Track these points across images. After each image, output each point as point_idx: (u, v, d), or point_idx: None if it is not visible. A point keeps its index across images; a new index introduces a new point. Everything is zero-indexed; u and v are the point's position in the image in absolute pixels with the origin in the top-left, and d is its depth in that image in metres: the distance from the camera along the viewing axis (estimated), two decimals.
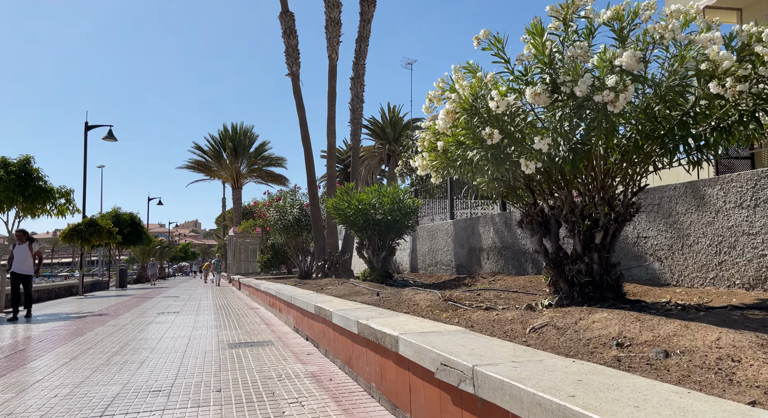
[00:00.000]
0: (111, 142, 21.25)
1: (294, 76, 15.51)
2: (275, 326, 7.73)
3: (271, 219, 16.52)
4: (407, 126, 33.33)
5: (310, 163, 15.60)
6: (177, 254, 67.82)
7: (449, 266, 11.44)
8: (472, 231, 10.34)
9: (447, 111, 3.73)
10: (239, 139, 42.71)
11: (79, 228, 19.21)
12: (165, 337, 6.77)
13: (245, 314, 9.69)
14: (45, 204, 11.78)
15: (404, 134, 33.11)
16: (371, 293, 6.76)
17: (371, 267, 9.43)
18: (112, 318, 9.57)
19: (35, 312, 11.53)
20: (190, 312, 10.53)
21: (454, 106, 3.70)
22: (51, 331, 7.71)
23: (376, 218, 9.01)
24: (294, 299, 6.65)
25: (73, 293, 20.27)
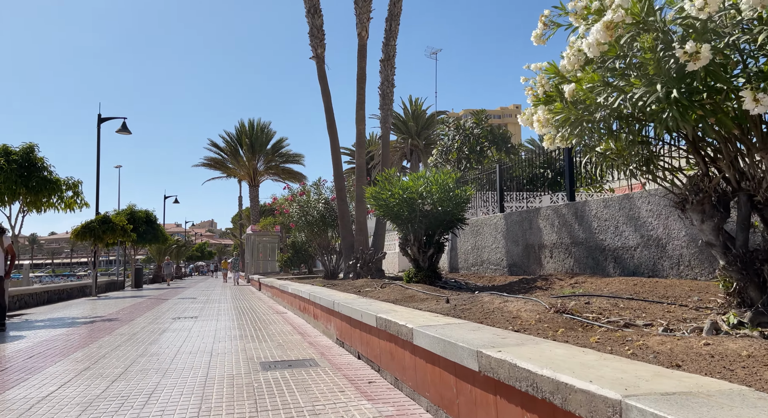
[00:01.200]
0: (125, 135, 20.27)
1: (319, 59, 14.29)
2: (311, 336, 6.48)
3: (293, 215, 15.33)
4: (431, 119, 32.01)
5: (337, 153, 14.37)
6: (193, 254, 67.31)
7: (499, 265, 10.12)
8: (530, 225, 9.01)
9: (608, 24, 2.42)
10: (256, 136, 41.74)
11: (92, 225, 18.24)
12: (181, 351, 5.56)
13: (272, 321, 8.48)
14: (51, 197, 10.70)
15: (429, 127, 31.79)
16: (432, 299, 5.48)
17: (416, 266, 8.14)
18: (123, 324, 8.43)
19: (38, 316, 10.46)
20: (209, 317, 9.36)
21: (621, 15, 2.38)
22: (47, 342, 6.55)
23: (424, 209, 7.71)
24: (338, 306, 5.39)
25: (87, 294, 19.33)
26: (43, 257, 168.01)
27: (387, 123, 14.22)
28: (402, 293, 6.23)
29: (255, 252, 29.99)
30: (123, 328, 7.88)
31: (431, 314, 3.95)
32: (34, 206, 10.86)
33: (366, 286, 9.02)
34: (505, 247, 9.87)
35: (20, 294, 13.58)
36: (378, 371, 4.11)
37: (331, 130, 14.34)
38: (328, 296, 6.32)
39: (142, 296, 18.10)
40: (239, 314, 9.89)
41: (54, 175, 10.73)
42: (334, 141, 14.31)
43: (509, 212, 9.96)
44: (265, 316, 9.31)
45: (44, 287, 15.55)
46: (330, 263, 15.35)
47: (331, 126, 14.33)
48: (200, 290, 21.05)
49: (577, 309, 3.66)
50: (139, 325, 8.27)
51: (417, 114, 31.81)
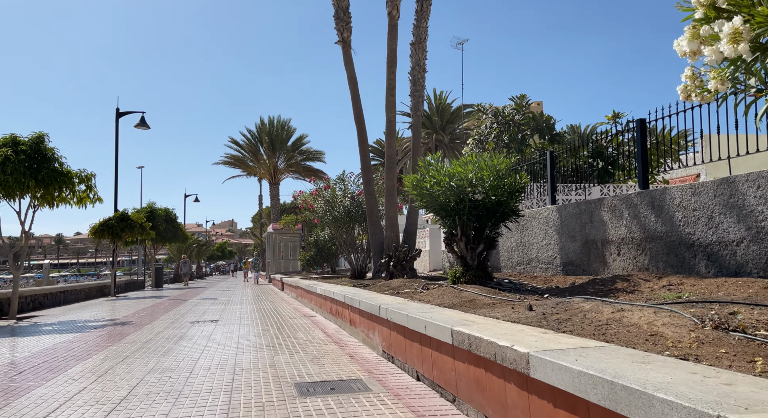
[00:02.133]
0: (143, 129, 19.65)
1: (345, 44, 13.35)
2: (350, 346, 5.52)
3: (318, 211, 14.43)
4: (456, 113, 30.85)
5: (364, 143, 13.42)
6: (214, 253, 67.25)
7: (550, 264, 9.04)
8: (590, 218, 7.92)
9: None
10: (276, 133, 41.09)
11: (110, 223, 17.63)
12: (198, 366, 4.66)
13: (301, 326, 7.55)
14: (61, 190, 9.95)
15: (454, 121, 30.64)
16: (501, 304, 4.47)
17: (463, 265, 7.13)
18: (136, 329, 7.60)
19: (49, 318, 9.73)
20: (230, 321, 8.49)
21: None
22: (46, 353, 5.72)
23: (474, 199, 6.70)
24: (386, 312, 4.42)
25: (105, 294, 18.76)
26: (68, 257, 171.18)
27: (418, 111, 13.22)
28: (457, 297, 5.24)
29: (276, 251, 29.27)
30: (135, 334, 7.04)
31: (524, 327, 2.95)
32: (46, 201, 10.14)
33: (404, 286, 8.06)
34: (559, 243, 8.80)
35: (35, 294, 12.96)
36: (453, 402, 3.12)
37: (358, 119, 13.40)
38: (369, 299, 5.36)
39: (161, 296, 17.42)
40: (263, 317, 9.00)
41: (65, 167, 9.99)
42: (361, 131, 13.37)
43: (563, 204, 8.88)
44: (291, 320, 8.40)
45: (60, 287, 14.95)
46: (357, 262, 14.42)
47: (358, 115, 13.39)
48: (221, 290, 20.34)
49: (743, 324, 2.62)
50: (153, 330, 7.43)
51: (442, 108, 30.64)
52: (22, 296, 12.15)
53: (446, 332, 3.03)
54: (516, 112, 12.10)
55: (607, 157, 11.58)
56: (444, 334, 3.07)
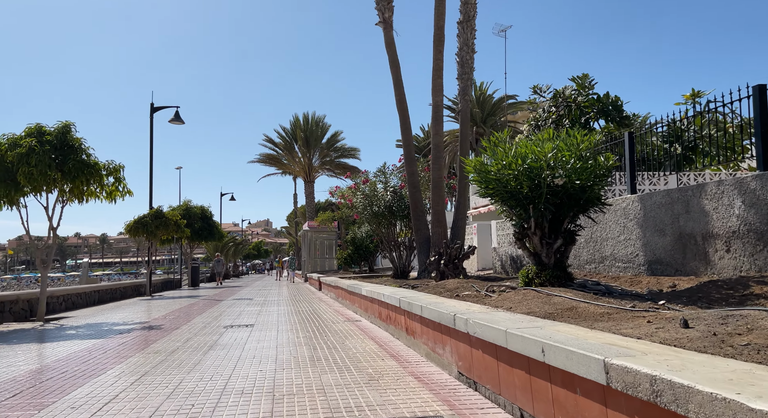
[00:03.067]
0: (178, 124, 19.22)
1: (386, 25, 12.37)
2: (411, 362, 4.52)
3: (357, 206, 13.50)
4: (498, 105, 29.45)
5: (408, 132, 12.41)
6: (250, 252, 67.62)
7: (630, 262, 7.81)
8: (686, 208, 6.67)
9: None
10: (311, 130, 40.56)
11: (145, 220, 17.23)
12: (230, 388, 3.75)
13: (346, 333, 6.60)
14: (89, 183, 9.33)
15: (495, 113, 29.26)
16: (619, 315, 3.38)
17: (537, 263, 6.01)
18: (163, 335, 6.81)
19: (77, 320, 9.12)
20: (267, 326, 7.62)
21: None
22: (56, 365, 4.95)
23: (554, 184, 5.58)
24: (471, 324, 3.40)
25: (141, 293, 18.41)
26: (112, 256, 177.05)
27: (467, 95, 12.11)
28: (547, 303, 4.16)
29: (312, 249, 28.61)
30: (162, 341, 6.23)
31: (728, 361, 1.87)
32: (76, 196, 9.55)
33: (461, 288, 7.01)
34: (642, 238, 7.56)
35: (67, 294, 12.51)
36: None
37: (401, 105, 12.40)
38: (435, 305, 4.34)
39: (196, 296, 16.89)
40: (303, 321, 8.11)
41: (93, 158, 9.36)
42: (404, 118, 12.36)
43: (648, 193, 7.63)
44: (334, 325, 7.47)
45: (95, 287, 14.55)
46: (399, 260, 13.42)
47: (401, 101, 12.39)
48: (257, 290, 19.71)
49: None
50: (182, 336, 6.62)
51: (482, 99, 29.31)
52: (54, 296, 11.69)
53: (594, 367, 1.97)
54: (578, 93, 10.85)
55: (686, 141, 10.20)
56: (588, 368, 2.02)
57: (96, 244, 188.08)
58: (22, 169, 8.60)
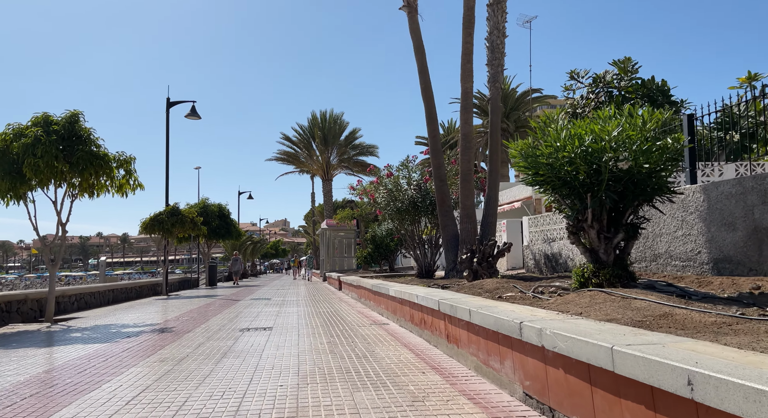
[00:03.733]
0: (194, 119, 18.76)
1: (410, 9, 11.67)
2: (459, 378, 3.80)
3: (380, 201, 12.81)
4: (522, 99, 28.49)
5: (434, 122, 11.69)
6: (268, 251, 67.49)
7: (691, 261, 6.97)
8: (763, 199, 5.84)
9: None
10: (329, 127, 40.03)
11: (161, 217, 16.79)
12: (244, 410, 3.09)
13: (375, 338, 5.90)
14: (98, 176, 8.81)
15: (519, 107, 28.30)
16: (735, 325, 2.62)
17: (595, 260, 5.24)
18: (174, 339, 6.21)
19: (86, 322, 8.59)
20: (287, 329, 6.97)
21: None
22: (45, 377, 4.35)
23: (617, 169, 4.80)
24: (549, 336, 2.67)
25: (158, 293, 18.00)
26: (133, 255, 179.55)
27: (497, 82, 11.32)
28: (629, 308, 3.41)
29: (330, 248, 28.03)
30: (172, 347, 5.62)
31: None
32: (84, 189, 9.04)
33: (501, 289, 6.28)
34: (705, 233, 6.72)
35: (80, 293, 12.06)
36: None
37: (426, 94, 11.68)
38: (491, 311, 3.62)
39: (213, 295, 16.38)
40: (325, 323, 7.44)
41: (102, 150, 8.83)
42: (429, 107, 11.64)
43: (714, 182, 6.78)
44: (360, 328, 6.78)
45: (109, 286, 14.12)
46: (424, 259, 12.69)
47: (426, 89, 11.67)
48: (275, 290, 19.16)
49: None
50: (195, 341, 6.00)
51: (505, 93, 28.37)
52: (66, 296, 11.24)
53: None
54: (620, 78, 10.00)
55: (743, 128, 9.28)
56: None
57: (117, 243, 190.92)
58: (28, 160, 8.09)
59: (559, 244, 10.62)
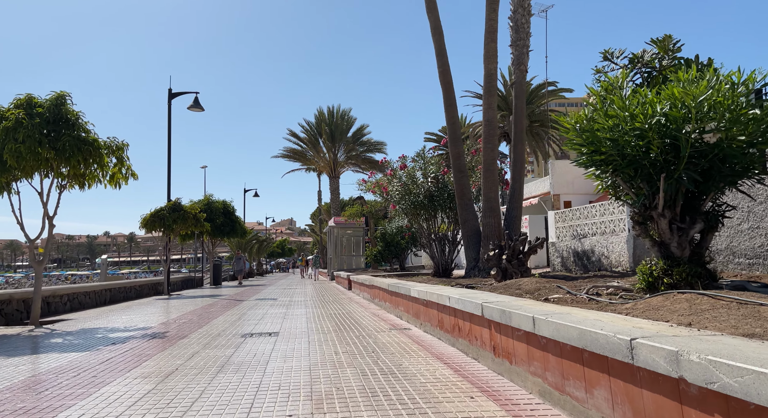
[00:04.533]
0: (197, 111, 17.98)
1: None
2: (523, 408, 2.93)
3: (394, 195, 11.93)
4: (537, 92, 27.50)
5: (452, 108, 10.80)
6: (274, 250, 66.81)
7: (761, 257, 6.06)
8: None
9: None
10: (336, 124, 39.20)
11: (162, 213, 16.01)
12: None
13: (399, 346, 5.04)
14: (88, 165, 8.00)
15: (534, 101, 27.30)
16: None
17: (666, 255, 4.33)
18: (166, 347, 5.38)
19: (73, 325, 7.77)
20: (295, 334, 6.12)
21: None
22: (2, 397, 3.51)
23: (702, 143, 3.91)
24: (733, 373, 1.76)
25: (159, 292, 17.24)
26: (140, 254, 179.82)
27: (522, 65, 10.42)
28: (759, 317, 2.52)
29: (338, 246, 27.17)
30: (159, 357, 4.78)
31: None
32: (73, 179, 8.24)
33: (545, 290, 5.44)
34: None
35: (73, 293, 11.28)
36: None
37: (445, 78, 10.80)
38: (571, 320, 2.74)
39: (217, 295, 15.59)
40: (338, 328, 6.59)
41: (92, 135, 8.02)
42: (448, 92, 10.75)
43: None
44: (379, 334, 5.92)
45: (106, 285, 13.34)
46: (441, 256, 11.81)
47: (445, 73, 10.79)
48: (281, 289, 18.34)
49: None
50: (188, 349, 5.16)
51: None
52: (57, 296, 10.45)
53: None
54: (660, 57, 9.06)
55: None
56: None
57: (124, 243, 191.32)
58: (9, 146, 7.29)
59: (591, 240, 9.71)
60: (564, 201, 20.16)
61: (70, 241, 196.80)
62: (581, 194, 20.21)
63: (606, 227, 9.24)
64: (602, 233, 9.34)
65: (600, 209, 9.36)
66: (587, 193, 20.29)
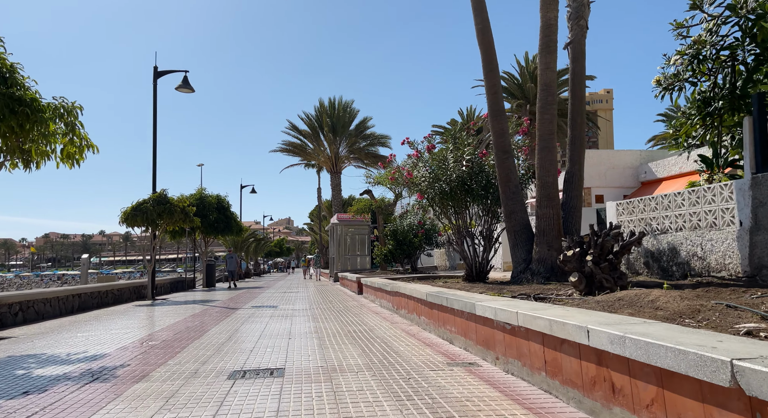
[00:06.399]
0: (187, 92, 15.90)
1: None
2: None
3: (421, 181, 9.91)
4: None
5: (493, 73, 8.80)
6: (272, 249, 64.72)
7: None
8: None
9: None
10: (338, 116, 37.14)
11: (145, 206, 13.96)
12: None
13: (489, 410, 3.00)
14: (25, 130, 5.95)
15: None
16: None
17: None
18: (103, 403, 3.34)
19: (11, 348, 5.70)
20: (309, 371, 4.10)
21: None
22: None
23: None
24: None
25: (142, 296, 15.18)
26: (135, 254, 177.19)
27: (581, 20, 8.43)
28: None
29: (342, 245, 25.13)
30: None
31: None
32: (12, 154, 6.19)
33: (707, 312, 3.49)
34: None
35: (29, 300, 9.20)
36: None
37: (484, 38, 8.80)
38: None
39: (207, 300, 13.54)
40: (368, 357, 4.56)
41: (31, 92, 5.97)
42: (488, 55, 8.75)
43: None
44: (436, 374, 3.90)
45: (74, 289, 11.25)
46: (475, 257, 9.79)
47: (484, 31, 8.78)
48: (281, 293, 16.30)
49: None
50: (137, 411, 3.14)
51: (536, 74, 25.40)
52: (6, 304, 8.39)
53: None
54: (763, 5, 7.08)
55: None
56: None
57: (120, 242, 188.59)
58: None
59: (674, 237, 7.70)
60: (596, 195, 18.20)
61: (64, 240, 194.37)
62: (615, 188, 18.25)
63: (700, 219, 7.23)
64: (693, 228, 7.34)
65: (691, 196, 7.36)
66: (622, 187, 18.32)
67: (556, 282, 7.44)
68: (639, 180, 18.31)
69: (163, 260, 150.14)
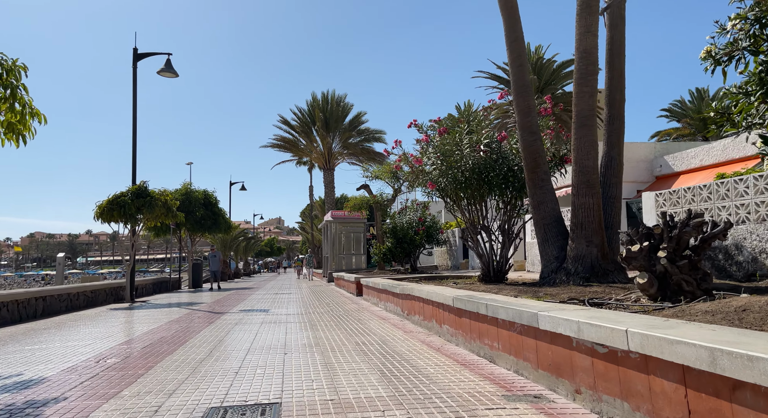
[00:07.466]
0: (170, 77, 14.60)
1: None
2: None
3: (431, 169, 8.75)
4: (558, 72, 24.48)
5: (518, 43, 7.67)
6: (263, 249, 63.28)
7: None
8: None
9: None
10: (331, 110, 35.87)
11: (122, 199, 12.68)
12: None
13: None
14: None
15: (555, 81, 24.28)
16: None
17: None
18: None
19: None
20: (317, 412, 2.91)
21: None
22: None
23: None
24: None
25: (120, 298, 13.88)
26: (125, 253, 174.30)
27: None
28: None
29: (336, 244, 23.90)
30: None
31: None
32: None
33: None
34: None
35: None
36: None
37: (508, 2, 7.65)
38: None
39: (191, 303, 12.28)
40: (392, 387, 3.39)
41: None
42: (512, 21, 7.61)
43: None
44: (471, 395, 2.75)
45: (38, 292, 9.93)
46: (492, 254, 8.64)
47: None
48: (272, 294, 15.06)
49: None
50: None
51: (539, 65, 24.34)
52: None
53: None
54: None
55: None
56: None
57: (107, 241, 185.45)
58: None
59: (736, 229, 6.61)
60: None
61: (50, 239, 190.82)
62: (627, 182, 17.19)
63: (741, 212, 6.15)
64: (761, 220, 6.26)
65: (757, 182, 6.28)
66: (635, 181, 17.29)
67: (598, 284, 6.30)
68: (653, 174, 17.29)
69: (151, 259, 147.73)
